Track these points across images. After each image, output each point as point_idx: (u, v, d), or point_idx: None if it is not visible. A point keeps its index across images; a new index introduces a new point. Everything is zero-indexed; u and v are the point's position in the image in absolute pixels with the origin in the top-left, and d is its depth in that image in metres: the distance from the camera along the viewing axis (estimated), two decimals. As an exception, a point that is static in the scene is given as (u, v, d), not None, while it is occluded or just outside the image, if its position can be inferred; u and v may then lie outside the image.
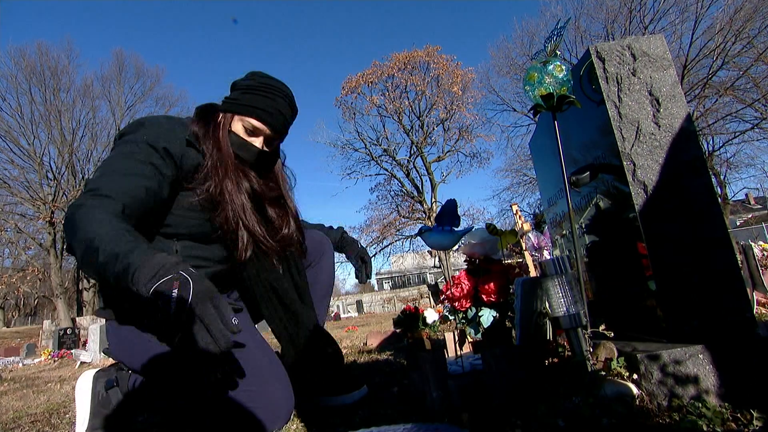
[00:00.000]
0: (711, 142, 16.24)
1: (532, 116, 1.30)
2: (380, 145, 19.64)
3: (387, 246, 19.99)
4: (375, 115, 19.23)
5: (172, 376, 1.09)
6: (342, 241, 1.67)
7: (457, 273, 1.38)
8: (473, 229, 1.37)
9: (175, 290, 0.71)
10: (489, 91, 19.23)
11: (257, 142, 1.19)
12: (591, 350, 1.04)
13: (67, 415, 1.80)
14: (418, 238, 1.40)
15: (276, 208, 1.29)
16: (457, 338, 1.43)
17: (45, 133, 18.23)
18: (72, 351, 7.15)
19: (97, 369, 1.20)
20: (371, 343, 3.04)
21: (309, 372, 1.36)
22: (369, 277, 1.60)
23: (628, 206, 1.14)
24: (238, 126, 1.16)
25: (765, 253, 3.45)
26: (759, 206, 28.03)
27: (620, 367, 0.99)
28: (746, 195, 28.92)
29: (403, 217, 19.62)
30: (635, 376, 0.95)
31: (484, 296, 1.27)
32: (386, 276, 37.20)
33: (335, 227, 1.73)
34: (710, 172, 1.13)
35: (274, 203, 1.29)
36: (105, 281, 0.88)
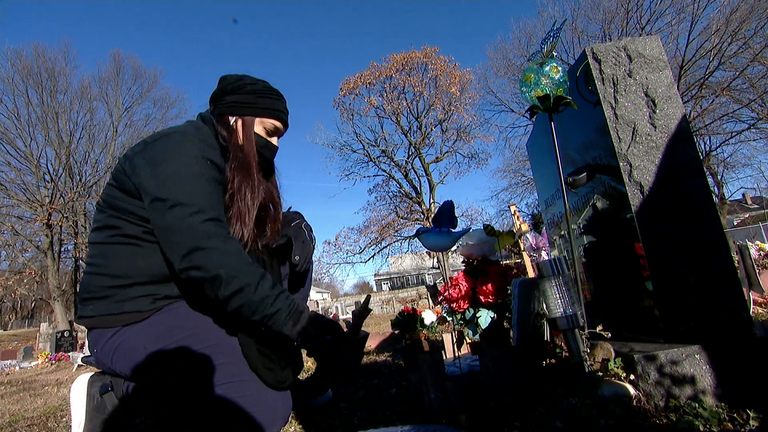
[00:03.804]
0: (708, 143, 16.32)
1: (529, 117, 1.31)
2: (378, 146, 19.64)
3: (385, 247, 19.98)
4: (373, 116, 19.25)
5: (168, 383, 1.09)
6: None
7: (456, 274, 1.38)
8: (471, 230, 1.37)
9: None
10: (487, 91, 19.28)
11: (275, 140, 1.30)
12: (588, 351, 1.05)
13: (64, 419, 1.79)
14: (417, 238, 1.39)
15: (273, 209, 1.33)
16: (455, 339, 1.43)
17: (42, 135, 18.15)
18: (69, 354, 7.12)
19: (92, 373, 1.19)
20: (369, 345, 3.04)
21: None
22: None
23: (625, 207, 1.15)
24: (259, 128, 1.25)
25: (761, 253, 3.46)
26: (756, 206, 28.13)
27: (617, 367, 0.99)
28: (743, 195, 29.02)
29: (402, 218, 19.61)
30: (632, 377, 0.95)
31: (482, 297, 1.27)
32: (385, 277, 37.19)
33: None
34: (707, 173, 1.14)
35: (274, 205, 1.33)
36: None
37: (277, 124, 1.27)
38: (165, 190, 1.02)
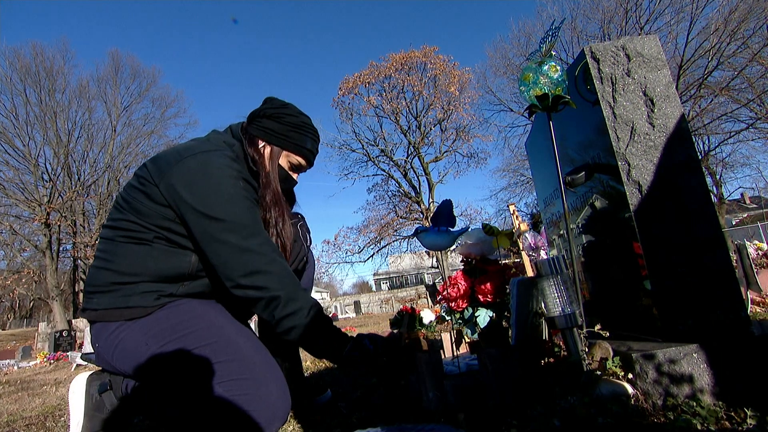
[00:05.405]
0: (707, 142, 16.35)
1: (527, 116, 1.31)
2: (377, 146, 19.62)
3: (385, 246, 19.98)
4: (372, 115, 19.22)
5: (168, 380, 1.09)
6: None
7: (455, 273, 1.38)
8: (470, 230, 1.37)
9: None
10: (486, 91, 19.28)
11: (295, 176, 1.31)
12: (586, 350, 1.05)
13: (63, 418, 1.78)
14: (416, 238, 1.40)
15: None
16: (453, 338, 1.43)
17: (40, 134, 18.11)
18: (68, 353, 7.11)
19: (90, 372, 1.19)
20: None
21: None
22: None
23: (623, 206, 1.15)
24: (284, 161, 1.25)
25: (759, 252, 3.47)
26: (754, 205, 28.18)
27: (616, 366, 0.99)
28: (742, 194, 29.04)
29: (401, 217, 19.60)
30: (630, 376, 0.95)
31: (480, 296, 1.27)
32: (384, 276, 37.20)
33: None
34: (706, 172, 1.14)
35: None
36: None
37: (302, 162, 1.27)
38: (217, 210, 1.03)
